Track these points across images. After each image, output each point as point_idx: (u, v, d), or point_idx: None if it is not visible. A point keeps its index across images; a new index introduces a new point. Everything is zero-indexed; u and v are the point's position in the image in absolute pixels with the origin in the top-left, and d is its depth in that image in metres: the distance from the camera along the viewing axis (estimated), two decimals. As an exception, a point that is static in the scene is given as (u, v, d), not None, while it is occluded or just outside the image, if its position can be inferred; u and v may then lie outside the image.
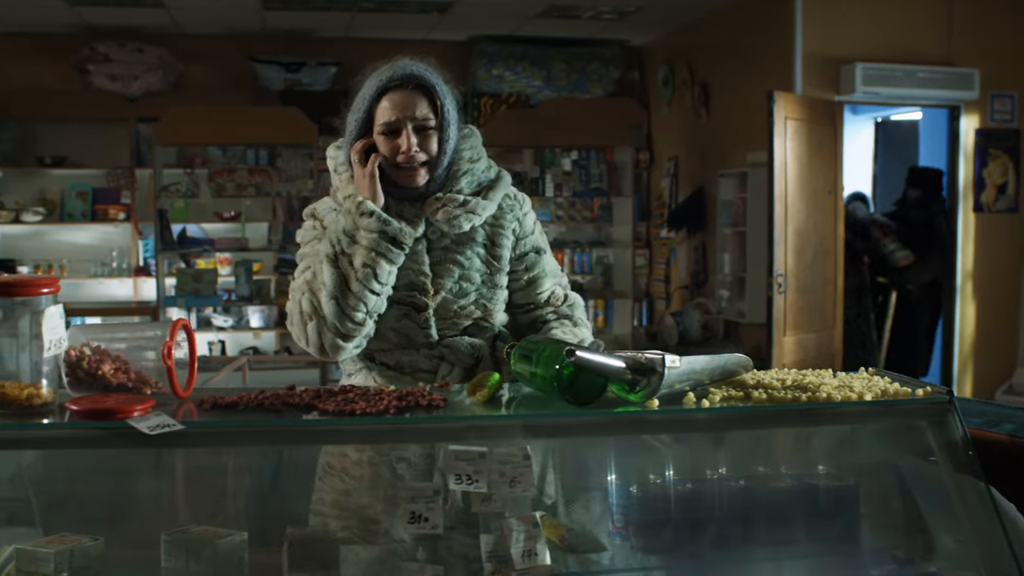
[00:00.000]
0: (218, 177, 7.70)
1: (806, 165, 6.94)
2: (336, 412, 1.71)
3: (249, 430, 1.71)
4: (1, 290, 1.67)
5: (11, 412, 1.66)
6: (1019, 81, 7.36)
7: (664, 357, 1.82)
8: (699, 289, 8.68)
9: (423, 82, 2.33)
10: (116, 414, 1.64)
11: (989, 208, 7.41)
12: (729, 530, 2.06)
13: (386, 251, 2.28)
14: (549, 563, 1.66)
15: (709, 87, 8.48)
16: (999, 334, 7.44)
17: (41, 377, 1.69)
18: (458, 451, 1.70)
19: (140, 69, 8.59)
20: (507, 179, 2.46)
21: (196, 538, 1.84)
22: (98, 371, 1.78)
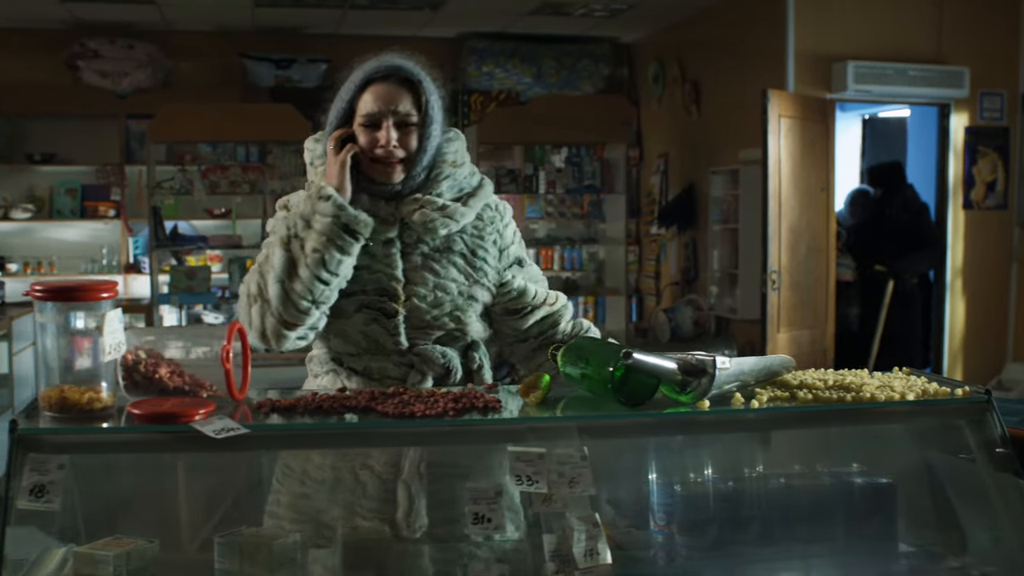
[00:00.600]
0: (211, 174, 7.67)
1: (799, 162, 6.99)
2: (396, 415, 1.72)
3: (313, 433, 1.72)
4: (62, 295, 1.68)
5: (72, 416, 1.67)
6: (1008, 80, 7.43)
7: (715, 359, 1.85)
8: (690, 286, 8.73)
9: (409, 76, 2.28)
10: (179, 418, 1.65)
11: (978, 205, 7.49)
12: (770, 527, 2.09)
13: (337, 237, 2.20)
14: (610, 562, 1.68)
15: (700, 84, 8.52)
16: (988, 330, 7.52)
17: (101, 381, 1.70)
18: (518, 452, 1.71)
19: (130, 66, 8.54)
20: (489, 187, 2.39)
21: (250, 540, 1.85)
22: (155, 375, 1.78)
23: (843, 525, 2.12)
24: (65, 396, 1.66)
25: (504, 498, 1.99)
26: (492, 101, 9.45)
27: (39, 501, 1.56)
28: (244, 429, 1.62)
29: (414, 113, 2.26)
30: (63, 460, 1.59)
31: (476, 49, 9.27)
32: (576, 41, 9.44)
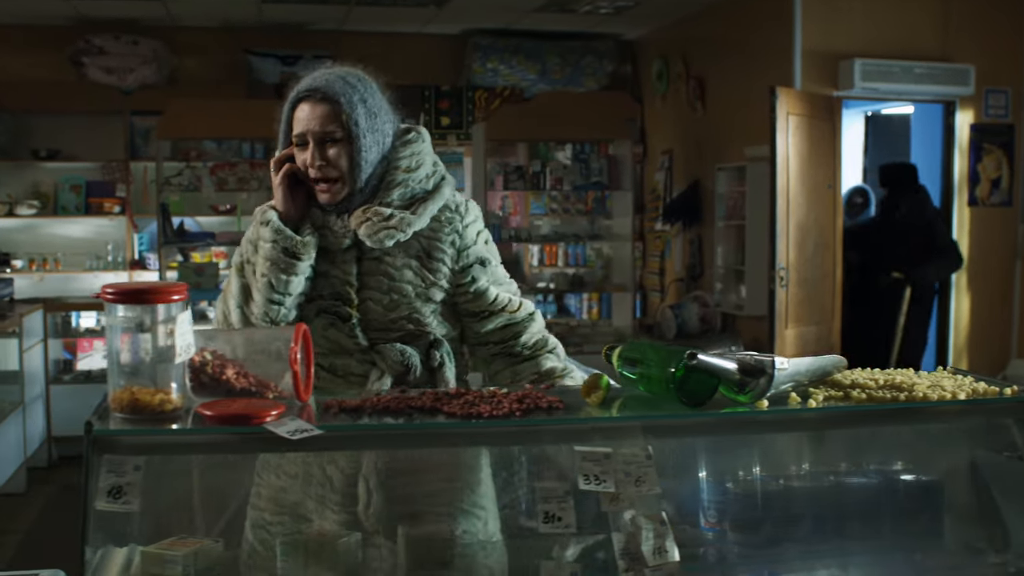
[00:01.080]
0: (220, 171, 7.67)
1: (807, 160, 7.02)
2: (463, 415, 1.74)
3: (384, 433, 1.75)
4: (134, 297, 1.69)
5: (143, 417, 1.69)
6: (1013, 77, 7.47)
7: (774, 359, 1.87)
8: (695, 282, 8.76)
9: (329, 94, 2.26)
10: (252, 419, 1.66)
11: (983, 202, 7.52)
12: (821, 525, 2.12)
13: (279, 261, 2.26)
14: (678, 559, 1.70)
15: (705, 81, 8.54)
16: (993, 326, 7.56)
17: (171, 382, 1.71)
18: (585, 452, 1.74)
19: (135, 62, 8.54)
20: (447, 189, 2.38)
21: (315, 539, 1.88)
22: (222, 376, 1.80)
23: (891, 522, 2.15)
24: (137, 398, 1.68)
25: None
26: (497, 98, 9.46)
27: (117, 502, 1.57)
28: (318, 430, 1.63)
29: (338, 131, 2.25)
30: (139, 461, 1.60)
31: (480, 46, 9.28)
32: (580, 38, 9.46)
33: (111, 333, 1.71)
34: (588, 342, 8.21)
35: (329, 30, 9.10)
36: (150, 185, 8.79)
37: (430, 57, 9.39)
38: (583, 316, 9.36)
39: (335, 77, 2.30)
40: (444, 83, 9.39)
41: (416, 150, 2.35)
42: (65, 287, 8.62)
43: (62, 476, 7.10)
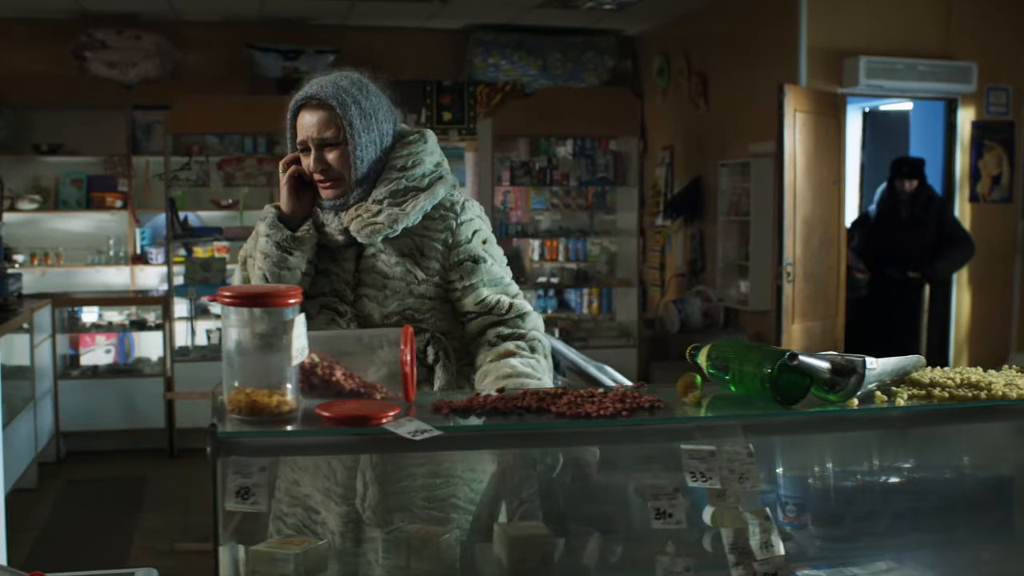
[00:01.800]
0: (227, 166, 7.67)
1: (812, 156, 7.09)
2: (572, 415, 1.78)
3: (499, 433, 1.78)
4: (252, 301, 1.72)
5: (261, 419, 1.71)
6: (1014, 74, 7.56)
7: (865, 359, 1.92)
8: (696, 277, 8.82)
9: (324, 100, 2.33)
10: (370, 420, 1.70)
11: (984, 198, 7.62)
12: (896, 519, 2.17)
13: (271, 254, 2.34)
14: (784, 553, 1.75)
15: (707, 77, 8.60)
16: (993, 321, 7.66)
17: (286, 384, 1.74)
18: (691, 450, 1.78)
19: (138, 56, 8.52)
20: (440, 189, 2.40)
21: (417, 536, 1.91)
22: (331, 377, 1.83)
23: (963, 517, 2.21)
24: (254, 400, 1.71)
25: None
26: (498, 93, 9.48)
27: (245, 503, 1.60)
28: (437, 431, 1.67)
29: (335, 135, 2.33)
30: (264, 463, 1.64)
31: (482, 41, 9.30)
32: (581, 33, 9.50)
33: (227, 336, 1.74)
34: (593, 336, 8.27)
35: (331, 25, 9.10)
36: (152, 180, 8.78)
37: (432, 52, 9.41)
38: (583, 311, 9.40)
39: (329, 83, 2.37)
40: (446, 78, 9.41)
41: (415, 151, 2.41)
42: (67, 282, 8.60)
43: (70, 471, 7.10)
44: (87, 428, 7.37)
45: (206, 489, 5.78)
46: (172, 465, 7.29)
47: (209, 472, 1.71)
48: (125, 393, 7.47)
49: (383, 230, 2.33)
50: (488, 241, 2.48)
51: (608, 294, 9.23)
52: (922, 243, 7.15)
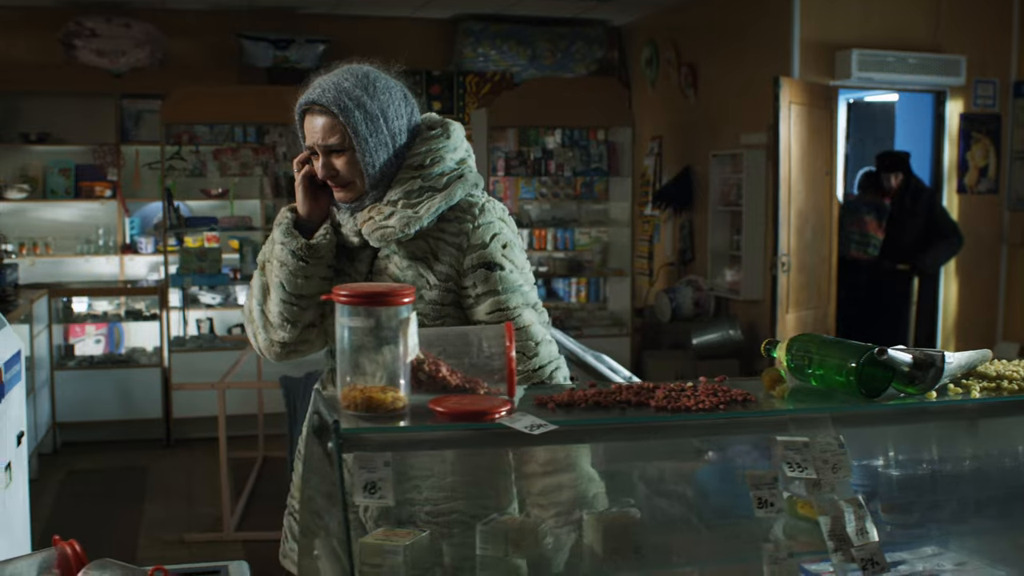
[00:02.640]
0: (222, 156, 7.66)
1: (806, 148, 7.19)
2: (672, 409, 1.84)
3: (605, 427, 1.83)
4: (371, 299, 1.76)
5: (377, 415, 1.76)
6: (1001, 68, 7.70)
7: (943, 354, 1.99)
8: (686, 266, 8.92)
9: (326, 105, 2.24)
10: (485, 415, 1.75)
11: (971, 190, 7.76)
12: (962, 507, 2.25)
13: (287, 262, 2.28)
14: (877, 539, 1.83)
15: (697, 68, 8.68)
16: (980, 310, 7.81)
17: (399, 380, 1.79)
18: (786, 442, 1.85)
19: (128, 45, 8.46)
20: (457, 191, 2.29)
21: (517, 527, 1.96)
22: (438, 374, 1.88)
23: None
24: (370, 396, 1.75)
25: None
26: (487, 83, 9.52)
27: (373, 497, 1.65)
28: (552, 425, 1.72)
29: (340, 141, 2.26)
30: (387, 457, 1.68)
31: (472, 31, 9.33)
32: (569, 24, 9.54)
33: (342, 334, 1.78)
34: (587, 325, 8.34)
35: (321, 14, 9.09)
36: (142, 169, 8.75)
37: (422, 42, 9.42)
38: (571, 299, 9.48)
39: (331, 85, 2.26)
40: (435, 68, 9.43)
41: (434, 146, 2.31)
42: (56, 272, 8.55)
43: (67, 462, 7.08)
44: (83, 419, 7.35)
45: (207, 479, 5.84)
46: (169, 455, 7.29)
47: (199, 463, 1.76)
48: (121, 383, 7.46)
49: (394, 234, 2.25)
50: (509, 245, 2.33)
51: (596, 283, 9.31)
52: (912, 234, 7.27)
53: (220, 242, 8.58)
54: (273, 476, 6.51)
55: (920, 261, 7.27)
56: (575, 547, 2.00)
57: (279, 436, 6.48)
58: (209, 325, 8.58)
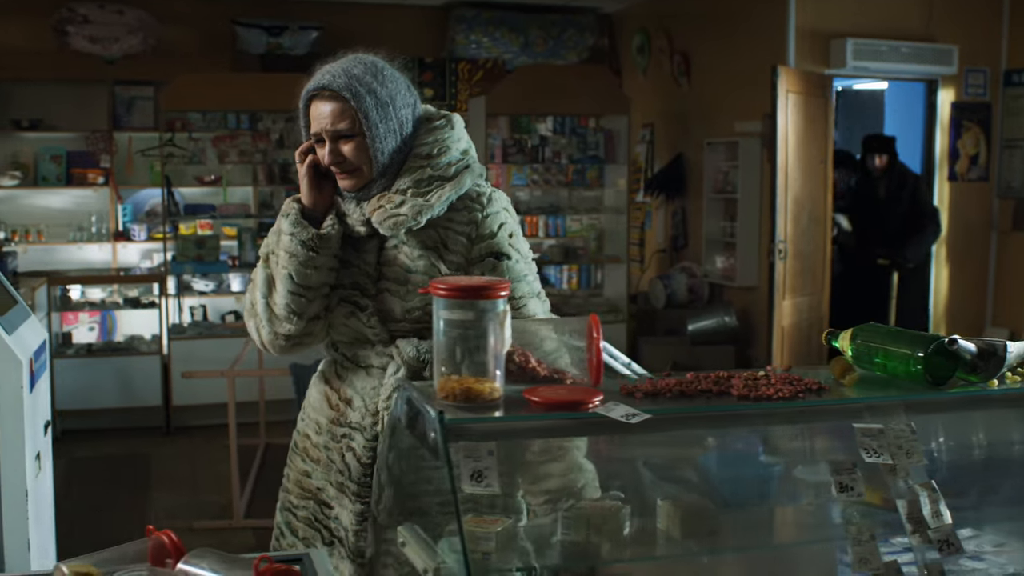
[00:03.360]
0: (220, 143, 7.66)
1: (802, 136, 7.27)
2: (755, 398, 1.90)
3: (694, 415, 1.89)
4: (471, 293, 1.80)
5: (475, 406, 1.80)
6: (991, 57, 7.81)
7: (1006, 343, 2.06)
8: (678, 253, 9.00)
9: (337, 91, 2.23)
10: (581, 404, 1.80)
11: (962, 177, 7.88)
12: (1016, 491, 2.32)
13: (297, 254, 2.25)
14: (951, 522, 1.90)
15: (690, 56, 8.74)
16: (970, 296, 7.93)
17: (495, 371, 1.83)
18: (863, 428, 1.91)
19: (121, 31, 8.42)
20: (467, 179, 2.31)
21: (599, 511, 2.02)
22: (527, 364, 1.93)
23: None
24: (469, 387, 1.79)
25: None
26: (479, 70, 9.54)
27: (479, 485, 1.70)
28: (646, 414, 1.77)
29: (350, 127, 2.24)
30: (491, 446, 1.73)
31: (464, 18, 9.34)
32: (560, 11, 9.58)
33: (439, 326, 1.83)
34: (583, 313, 8.39)
35: (314, 1, 9.07)
36: (135, 156, 8.73)
37: (414, 29, 9.42)
38: (563, 286, 9.54)
39: (341, 71, 2.25)
40: (428, 55, 9.44)
41: (440, 137, 2.32)
42: (49, 259, 8.52)
43: (68, 450, 7.07)
44: (83, 407, 7.35)
45: (209, 467, 5.87)
46: (170, 443, 7.30)
47: (200, 451, 1.80)
48: (120, 371, 7.46)
49: (407, 222, 2.25)
50: (514, 235, 2.37)
51: (587, 270, 9.38)
52: (896, 219, 7.37)
53: (214, 229, 8.60)
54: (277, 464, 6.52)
55: (900, 256, 7.33)
56: (651, 531, 2.06)
57: (281, 423, 6.52)
58: (203, 312, 8.58)
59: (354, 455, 2.33)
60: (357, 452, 2.33)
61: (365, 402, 2.35)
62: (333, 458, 2.39)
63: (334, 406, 2.41)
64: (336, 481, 2.37)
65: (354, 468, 2.33)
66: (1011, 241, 7.83)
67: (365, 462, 2.32)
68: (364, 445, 2.32)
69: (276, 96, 7.65)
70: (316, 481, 2.42)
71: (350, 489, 2.34)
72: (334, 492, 2.38)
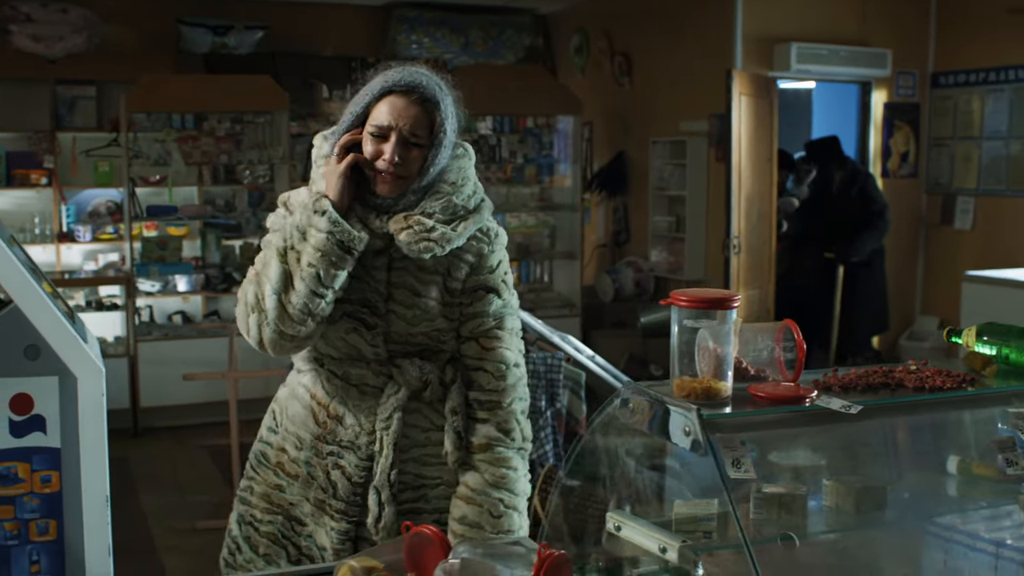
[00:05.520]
0: (184, 144, 7.64)
1: (752, 137, 7.63)
2: (930, 388, 2.15)
3: (887, 406, 2.12)
4: (712, 304, 1.99)
5: (713, 402, 1.98)
6: (920, 60, 8.30)
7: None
8: (619, 248, 9.30)
9: (429, 97, 2.24)
10: (803, 399, 2.03)
11: (894, 174, 8.36)
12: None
13: (331, 253, 2.20)
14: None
15: (632, 57, 9.03)
16: (901, 287, 8.42)
17: (727, 371, 2.02)
18: (1016, 413, 2.19)
19: (65, 30, 8.30)
20: (486, 211, 2.35)
21: (787, 494, 2.24)
22: (742, 365, 2.13)
23: None
24: (710, 386, 1.99)
25: None
26: (420, 69, 9.67)
27: (739, 471, 1.90)
28: (860, 406, 2.01)
29: (425, 135, 2.23)
30: (743, 436, 1.94)
31: (406, 18, 9.47)
32: (499, 12, 9.77)
33: (678, 332, 2.02)
34: (537, 307, 8.62)
35: (259, 0, 9.07)
36: (79, 156, 8.61)
37: (357, 29, 9.51)
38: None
39: (433, 81, 2.26)
40: (370, 55, 9.53)
41: (463, 165, 2.34)
42: (-8, 262, 8.34)
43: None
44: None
45: (189, 467, 5.97)
46: (141, 445, 7.26)
47: (174, 452, 1.97)
48: (84, 374, 7.38)
49: (434, 248, 2.23)
50: (508, 274, 2.42)
51: (527, 266, 9.60)
52: (847, 215, 7.77)
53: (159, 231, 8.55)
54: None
55: (846, 252, 7.62)
56: (822, 510, 2.29)
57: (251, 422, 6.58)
58: (149, 313, 8.52)
59: (342, 473, 2.34)
60: (348, 471, 2.34)
61: (359, 421, 2.35)
62: (315, 475, 2.38)
63: (321, 423, 2.38)
64: (316, 498, 2.37)
65: (341, 486, 2.34)
66: (939, 234, 8.34)
67: (356, 481, 2.34)
68: (357, 464, 2.34)
69: (237, 99, 7.81)
70: (290, 496, 2.41)
71: (333, 507, 2.35)
72: (310, 509, 2.38)
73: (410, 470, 2.37)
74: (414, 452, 2.38)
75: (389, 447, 2.32)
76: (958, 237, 8.14)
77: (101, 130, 8.53)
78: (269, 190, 8.07)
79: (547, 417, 5.95)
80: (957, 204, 8.11)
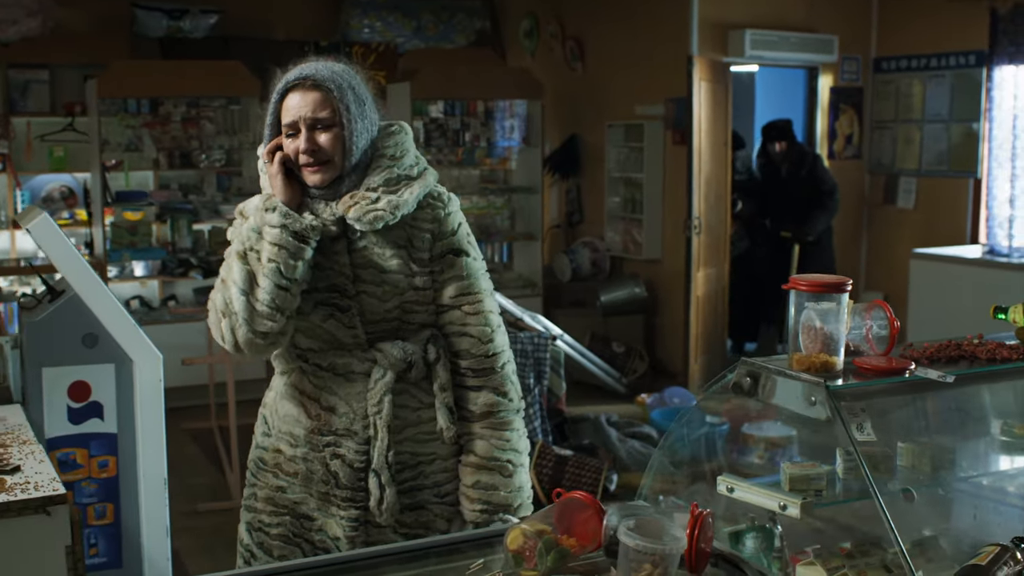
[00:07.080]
0: (152, 129, 7.63)
1: (709, 121, 7.90)
2: (1001, 359, 2.40)
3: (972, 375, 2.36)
4: (830, 288, 2.21)
5: (829, 374, 2.19)
6: (863, 46, 8.65)
7: None
8: (573, 228, 9.52)
9: (320, 80, 2.33)
10: (905, 370, 2.26)
11: (839, 155, 8.72)
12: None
13: (288, 245, 2.29)
14: None
15: (583, 42, 9.24)
16: (846, 264, 8.75)
17: (841, 347, 2.24)
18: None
19: (19, 13, 8.20)
20: (430, 178, 2.43)
21: (877, 454, 2.47)
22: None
23: None
24: (826, 360, 2.18)
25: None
26: (372, 53, 9.74)
27: (862, 433, 2.13)
28: (953, 375, 2.25)
29: (329, 116, 2.32)
30: (864, 404, 2.17)
31: (359, 3, 9.53)
32: (450, -5, 9.90)
33: (803, 315, 2.22)
34: (500, 287, 8.81)
35: (213, -16, 9.07)
36: (33, 141, 8.52)
37: (310, 12, 9.54)
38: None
39: (323, 66, 2.36)
40: (322, 38, 9.57)
41: (399, 140, 2.42)
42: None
43: None
44: None
45: (175, 450, 6.00)
46: (116, 431, 7.28)
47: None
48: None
49: (385, 217, 2.31)
50: (470, 234, 2.49)
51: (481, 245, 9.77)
52: (798, 196, 8.10)
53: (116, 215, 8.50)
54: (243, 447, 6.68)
55: (800, 231, 7.94)
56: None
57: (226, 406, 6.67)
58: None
59: (343, 461, 2.40)
60: (348, 458, 2.40)
61: (352, 407, 2.42)
62: (314, 469, 2.43)
63: (314, 416, 2.44)
64: (318, 492, 2.43)
65: (343, 474, 2.40)
66: (881, 213, 8.73)
67: (357, 467, 2.40)
68: (356, 450, 2.40)
69: (229, 82, 7.82)
70: (293, 495, 2.46)
71: (339, 496, 2.41)
72: (316, 504, 2.44)
73: (406, 449, 2.44)
74: (408, 432, 2.45)
75: (383, 430, 2.39)
76: (901, 216, 8.53)
77: (55, 114, 8.46)
78: (237, 174, 8.11)
79: (535, 394, 6.17)
80: (900, 184, 8.50)
